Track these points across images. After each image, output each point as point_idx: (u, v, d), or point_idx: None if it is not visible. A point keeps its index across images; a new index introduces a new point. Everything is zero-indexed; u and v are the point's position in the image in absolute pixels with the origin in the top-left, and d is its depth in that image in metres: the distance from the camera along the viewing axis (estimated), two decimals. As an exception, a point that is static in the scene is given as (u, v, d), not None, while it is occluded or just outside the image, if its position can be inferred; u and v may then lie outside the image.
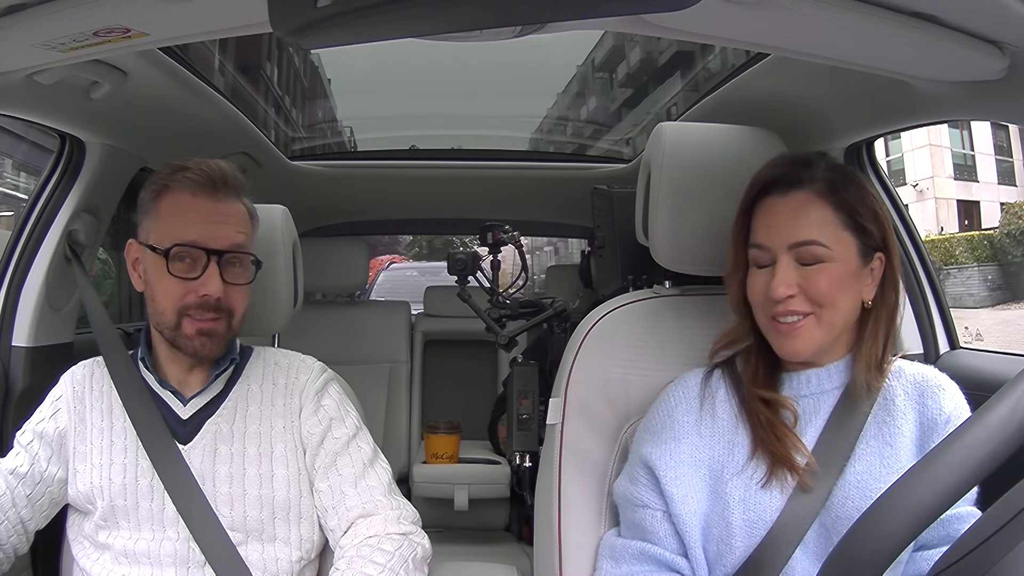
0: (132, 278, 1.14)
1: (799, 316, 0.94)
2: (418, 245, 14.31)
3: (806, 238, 0.94)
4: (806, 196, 0.96)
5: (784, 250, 0.95)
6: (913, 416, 0.96)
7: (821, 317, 0.95)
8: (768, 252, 0.96)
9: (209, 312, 1.09)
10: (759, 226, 0.98)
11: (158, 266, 1.09)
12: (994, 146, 17.07)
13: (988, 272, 14.44)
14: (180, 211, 1.09)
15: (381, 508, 1.10)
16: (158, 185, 1.11)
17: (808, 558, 0.92)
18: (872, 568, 0.67)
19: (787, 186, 0.97)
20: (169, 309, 1.09)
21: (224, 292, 1.09)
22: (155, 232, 1.10)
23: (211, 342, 1.10)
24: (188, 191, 1.10)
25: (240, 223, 1.13)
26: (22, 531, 1.10)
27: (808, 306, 0.94)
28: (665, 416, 1.02)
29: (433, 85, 2.58)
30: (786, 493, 0.93)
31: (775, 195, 0.97)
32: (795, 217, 0.95)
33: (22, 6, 0.87)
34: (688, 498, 0.96)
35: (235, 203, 1.13)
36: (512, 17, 0.71)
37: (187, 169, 1.10)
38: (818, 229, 0.94)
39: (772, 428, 0.96)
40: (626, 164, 2.43)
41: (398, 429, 2.63)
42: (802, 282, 0.94)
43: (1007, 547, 0.61)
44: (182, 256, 1.08)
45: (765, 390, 0.99)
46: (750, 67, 1.44)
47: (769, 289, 0.94)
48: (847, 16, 0.84)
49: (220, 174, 1.11)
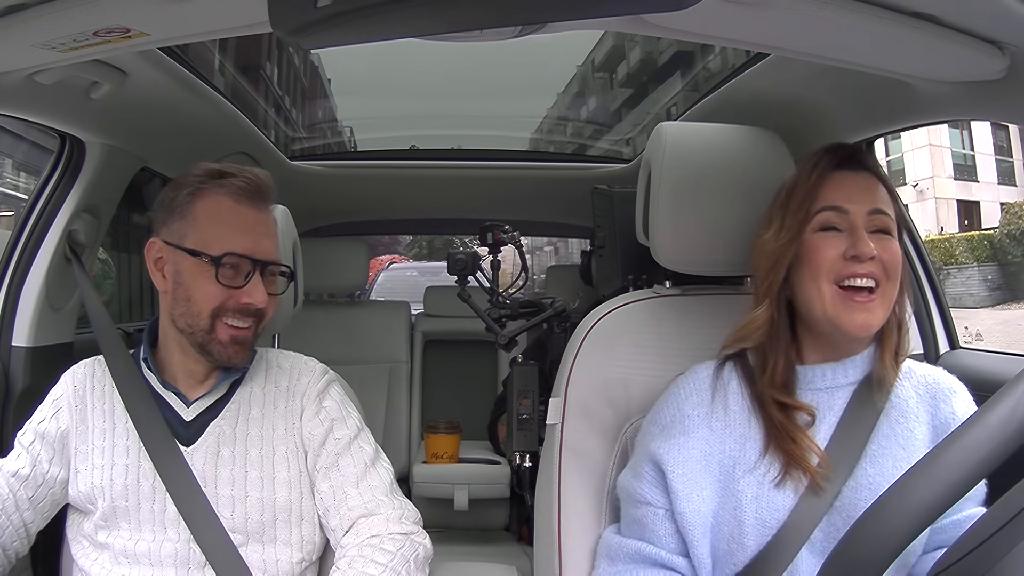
0: (155, 278, 1.13)
1: (874, 282, 0.94)
2: (418, 245, 14.30)
3: (883, 208, 0.97)
4: (873, 177, 1.00)
5: (864, 215, 0.96)
6: (926, 419, 0.97)
7: (886, 292, 0.95)
8: (846, 217, 0.97)
9: (248, 319, 1.10)
10: (835, 192, 0.98)
11: (202, 271, 1.08)
12: (994, 146, 17.07)
13: (988, 272, 14.43)
14: (225, 218, 1.09)
15: (383, 508, 1.10)
16: (192, 187, 1.10)
17: (814, 556, 0.92)
18: (872, 568, 0.67)
19: (859, 165, 1.00)
20: (206, 311, 1.08)
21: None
22: (194, 236, 1.09)
23: (243, 350, 1.11)
24: (232, 198, 1.09)
25: (275, 234, 1.15)
26: (24, 534, 1.10)
27: (882, 273, 0.95)
28: (675, 409, 1.00)
29: (433, 85, 2.58)
30: (799, 492, 0.93)
31: (848, 170, 1.00)
32: (871, 189, 0.98)
33: (22, 6, 0.87)
34: (694, 496, 0.96)
35: (270, 213, 1.14)
36: (512, 17, 0.71)
37: (231, 175, 1.10)
38: (887, 205, 0.98)
39: (786, 431, 0.95)
40: (626, 164, 2.43)
41: (398, 429, 2.62)
42: (879, 250, 0.95)
43: (1007, 547, 0.61)
44: (231, 264, 1.08)
45: (781, 391, 0.97)
46: (750, 67, 1.44)
47: (854, 247, 0.94)
48: (847, 16, 0.84)
49: (265, 183, 1.12)
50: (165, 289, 1.12)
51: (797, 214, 0.98)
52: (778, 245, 0.99)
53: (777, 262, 0.99)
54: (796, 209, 0.99)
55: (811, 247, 0.97)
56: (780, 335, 0.99)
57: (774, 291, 0.99)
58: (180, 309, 1.10)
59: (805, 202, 0.98)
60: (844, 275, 0.94)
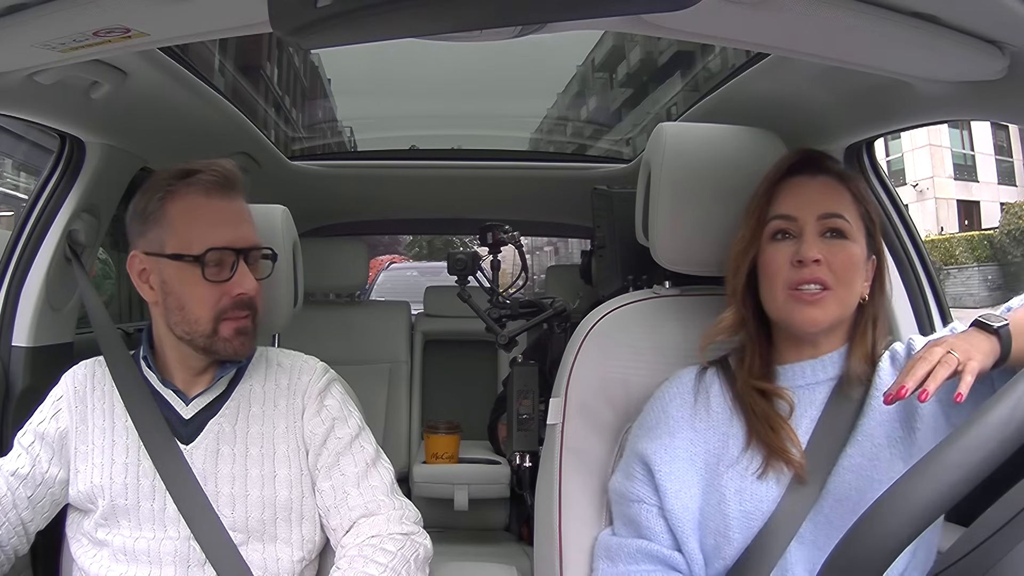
0: (141, 290, 1.12)
1: (820, 286, 0.96)
2: (418, 245, 14.30)
3: (835, 211, 0.99)
4: (832, 180, 1.02)
5: (813, 220, 0.99)
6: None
7: (838, 294, 0.97)
8: (795, 223, 0.99)
9: (244, 310, 1.10)
10: (786, 199, 1.01)
11: (189, 274, 1.07)
12: (994, 146, 17.09)
13: (988, 272, 14.45)
14: (200, 216, 1.08)
15: (384, 508, 1.10)
16: (162, 192, 1.10)
17: (805, 548, 0.93)
18: (872, 568, 0.67)
19: (816, 168, 1.02)
20: (205, 316, 1.08)
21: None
22: (174, 240, 1.08)
23: (248, 340, 1.11)
24: (202, 194, 1.09)
25: (251, 220, 1.14)
26: (23, 532, 1.10)
27: (830, 278, 0.97)
28: (660, 412, 1.03)
29: (433, 85, 2.58)
30: (782, 484, 0.94)
31: (803, 175, 1.02)
32: (824, 193, 1.01)
33: (22, 6, 0.87)
34: (682, 493, 0.97)
35: (242, 200, 1.14)
36: (512, 17, 0.71)
37: (197, 172, 1.10)
38: (844, 207, 1.00)
39: (767, 419, 0.97)
40: (626, 164, 2.43)
41: (398, 429, 2.62)
42: (826, 254, 0.97)
43: (1007, 547, 0.61)
44: (215, 260, 1.08)
45: (761, 380, 1.00)
46: (750, 67, 1.44)
47: (797, 253, 0.97)
48: (847, 16, 0.84)
49: (232, 173, 1.12)
50: (154, 300, 1.11)
51: (750, 220, 1.03)
52: (738, 250, 1.04)
53: (738, 267, 1.04)
54: (750, 216, 1.03)
55: (766, 257, 1.01)
56: (751, 333, 1.03)
57: (739, 293, 1.03)
58: (175, 318, 1.10)
59: (757, 210, 1.02)
60: (794, 281, 0.97)
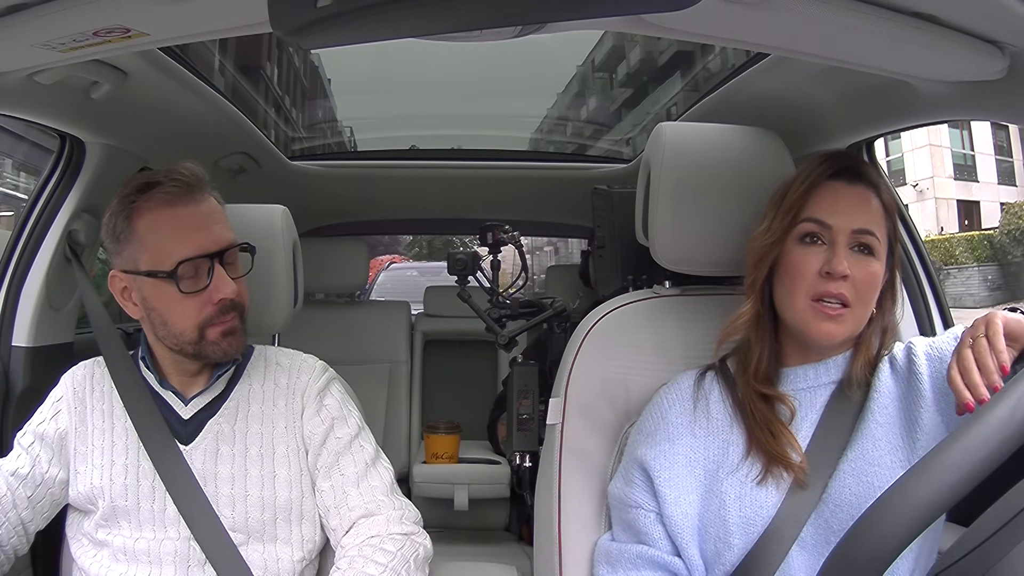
0: (126, 308, 1.12)
1: (841, 303, 0.95)
2: (418, 245, 14.30)
3: (868, 227, 0.97)
4: (868, 191, 0.99)
5: (847, 233, 0.97)
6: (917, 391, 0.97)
7: (855, 312, 0.96)
8: (828, 231, 0.97)
9: (229, 313, 1.09)
10: (822, 204, 0.98)
11: (166, 290, 1.06)
12: (994, 146, 17.09)
13: (988, 272, 14.45)
14: (166, 228, 1.06)
15: (383, 508, 1.10)
16: (127, 209, 1.08)
17: (806, 553, 0.92)
18: (872, 568, 0.67)
19: (855, 176, 1.00)
20: (189, 328, 1.08)
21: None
22: (146, 257, 1.07)
23: (236, 340, 1.10)
24: (166, 205, 1.07)
25: (222, 218, 1.12)
26: (22, 532, 1.10)
27: (852, 295, 0.95)
28: (659, 418, 1.03)
29: (433, 85, 2.58)
30: (782, 490, 0.94)
31: (842, 180, 0.99)
32: (861, 206, 0.98)
33: (22, 6, 0.86)
34: (680, 499, 0.97)
35: (209, 199, 1.11)
36: (512, 17, 0.71)
37: (157, 184, 1.07)
38: (876, 223, 0.98)
39: (768, 425, 0.97)
40: (626, 164, 2.42)
41: (398, 429, 2.62)
42: (853, 269, 0.95)
43: (1007, 547, 0.61)
44: (190, 272, 1.07)
45: (764, 385, 0.99)
46: (750, 67, 1.44)
47: (828, 264, 0.95)
48: (847, 16, 0.84)
49: (194, 176, 1.09)
50: (140, 316, 1.11)
51: (784, 218, 1.00)
52: (764, 244, 1.01)
53: (761, 260, 1.01)
54: (784, 213, 1.00)
55: (792, 258, 0.98)
56: (764, 328, 1.02)
57: (758, 287, 1.01)
58: (161, 332, 1.10)
59: (793, 208, 1.00)
60: (819, 293, 0.96)
